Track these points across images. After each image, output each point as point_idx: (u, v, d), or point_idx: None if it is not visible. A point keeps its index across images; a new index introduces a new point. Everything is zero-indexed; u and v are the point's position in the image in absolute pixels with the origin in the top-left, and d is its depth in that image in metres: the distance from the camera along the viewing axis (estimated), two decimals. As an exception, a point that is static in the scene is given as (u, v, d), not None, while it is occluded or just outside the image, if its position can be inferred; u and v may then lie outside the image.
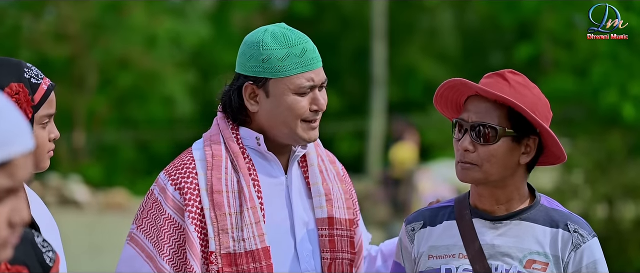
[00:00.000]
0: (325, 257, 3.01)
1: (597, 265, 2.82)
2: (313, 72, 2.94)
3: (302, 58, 2.93)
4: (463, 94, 2.85)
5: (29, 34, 22.31)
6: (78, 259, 10.56)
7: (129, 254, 2.93)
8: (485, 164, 2.78)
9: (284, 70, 2.92)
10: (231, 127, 2.99)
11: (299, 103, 2.93)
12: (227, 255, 2.87)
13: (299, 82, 2.92)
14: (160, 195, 2.93)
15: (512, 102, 2.75)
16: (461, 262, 2.84)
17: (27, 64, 2.76)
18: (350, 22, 25.99)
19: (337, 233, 3.04)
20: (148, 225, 2.92)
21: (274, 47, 2.93)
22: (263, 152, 2.98)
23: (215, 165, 2.93)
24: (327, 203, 3.03)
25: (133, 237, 2.94)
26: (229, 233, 2.88)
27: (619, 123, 11.33)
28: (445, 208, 2.96)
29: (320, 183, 3.05)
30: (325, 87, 3.02)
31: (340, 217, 3.06)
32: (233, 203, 2.90)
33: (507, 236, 2.83)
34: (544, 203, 2.88)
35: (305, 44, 2.95)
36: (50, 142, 2.80)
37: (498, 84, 2.78)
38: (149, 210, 2.94)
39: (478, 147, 2.78)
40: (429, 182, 14.55)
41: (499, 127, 2.77)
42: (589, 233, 2.83)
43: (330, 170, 3.12)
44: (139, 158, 24.75)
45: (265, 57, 2.92)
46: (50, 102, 2.76)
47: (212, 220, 2.88)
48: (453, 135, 2.86)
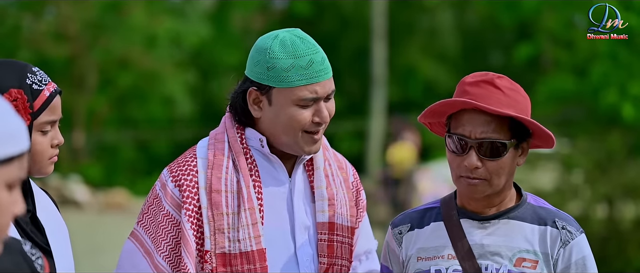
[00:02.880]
0: (322, 262, 2.98)
1: (586, 261, 2.82)
2: (318, 84, 2.89)
3: (308, 70, 2.88)
4: (456, 107, 2.81)
5: (29, 34, 22.29)
6: (78, 259, 10.53)
7: (129, 249, 2.94)
8: (494, 178, 2.78)
9: (288, 80, 2.88)
10: (237, 126, 2.97)
11: (300, 115, 2.89)
12: (221, 255, 2.86)
13: (302, 94, 2.88)
14: (161, 191, 2.93)
15: (525, 118, 2.75)
16: (450, 263, 2.84)
17: (33, 69, 2.74)
18: (350, 22, 25.97)
19: (337, 239, 3.01)
20: (148, 220, 2.93)
21: (280, 56, 2.88)
22: (267, 154, 2.96)
23: (216, 164, 2.92)
24: (330, 208, 3.00)
25: (134, 232, 2.95)
26: (224, 233, 2.87)
27: (618, 123, 11.32)
28: (431, 210, 2.95)
29: (324, 188, 3.02)
30: (331, 98, 2.96)
31: (342, 223, 3.03)
32: (231, 203, 2.89)
33: (495, 235, 2.83)
34: (530, 202, 2.89)
35: (313, 55, 2.89)
36: (53, 148, 2.77)
37: (493, 94, 2.76)
38: (150, 205, 2.94)
39: (486, 162, 2.76)
40: (429, 182, 14.55)
41: (507, 141, 2.77)
42: (577, 230, 2.84)
43: (337, 175, 3.08)
44: (139, 158, 24.74)
45: (271, 66, 2.88)
46: (53, 108, 2.74)
47: (209, 219, 2.87)
48: (448, 148, 2.82)
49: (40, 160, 2.74)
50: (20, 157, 1.86)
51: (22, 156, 1.87)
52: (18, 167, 1.86)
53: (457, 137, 2.79)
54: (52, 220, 2.80)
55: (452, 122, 2.82)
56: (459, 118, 2.80)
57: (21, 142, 1.86)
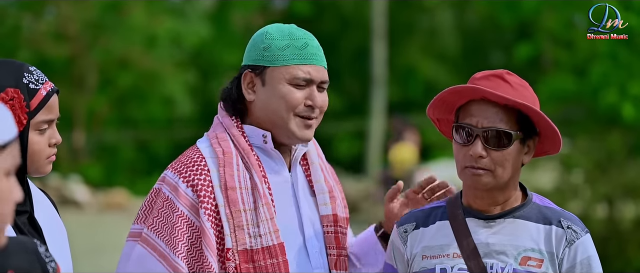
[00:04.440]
0: (332, 254, 3.02)
1: (591, 260, 2.83)
2: (312, 67, 2.93)
3: (303, 51, 2.92)
4: (464, 97, 2.84)
5: (29, 34, 22.29)
6: (78, 259, 10.55)
7: (139, 253, 2.87)
8: (498, 169, 2.79)
9: (282, 59, 2.92)
10: (236, 124, 2.97)
11: (292, 94, 2.92)
12: (244, 251, 2.86)
13: (295, 72, 2.91)
14: (172, 193, 2.88)
15: (531, 107, 2.76)
16: (456, 262, 2.84)
17: (30, 68, 2.74)
18: (350, 22, 25.97)
19: (340, 230, 3.05)
20: (160, 224, 2.87)
21: (276, 37, 2.94)
22: (269, 150, 2.97)
23: (227, 162, 2.91)
24: (331, 200, 3.05)
25: (143, 237, 2.88)
26: (244, 229, 2.86)
27: (618, 123, 11.32)
28: (437, 209, 2.96)
29: (322, 181, 3.06)
30: (326, 89, 3.00)
31: (341, 215, 3.08)
32: (247, 199, 2.89)
33: (501, 234, 2.84)
34: (536, 201, 2.89)
35: (309, 40, 2.96)
36: (51, 147, 2.77)
37: (501, 86, 2.79)
38: (160, 209, 2.89)
39: (491, 152, 2.78)
40: (429, 182, 14.52)
41: (513, 131, 2.78)
42: (582, 230, 2.84)
43: (329, 169, 3.14)
44: (139, 158, 24.75)
45: (266, 46, 2.93)
46: (50, 107, 2.73)
47: (227, 216, 2.86)
48: (455, 140, 2.85)
49: (38, 160, 2.74)
50: (11, 144, 1.97)
51: (12, 143, 1.97)
52: (11, 155, 1.95)
53: (463, 127, 2.81)
54: (50, 221, 2.79)
55: (460, 114, 2.85)
56: (467, 108, 2.82)
57: (11, 129, 1.97)
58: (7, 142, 1.95)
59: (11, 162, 1.95)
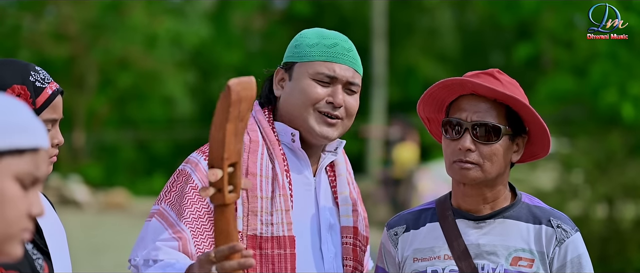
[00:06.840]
0: (348, 265, 3.00)
1: (581, 259, 2.83)
2: (338, 65, 2.96)
3: (331, 49, 2.96)
4: (454, 92, 2.85)
5: (29, 34, 22.31)
6: (78, 259, 10.56)
7: (154, 227, 2.84)
8: (486, 163, 2.80)
9: (310, 55, 2.96)
10: (268, 119, 3.00)
11: (313, 88, 2.94)
12: (253, 237, 2.86)
13: (319, 68, 2.95)
14: (192, 169, 2.87)
15: (521, 101, 2.77)
16: (447, 263, 2.85)
17: (35, 67, 2.74)
18: (350, 22, 25.97)
19: (359, 244, 3.04)
20: (174, 196, 2.86)
21: (308, 36, 3.00)
22: (296, 150, 2.98)
23: (252, 149, 2.93)
24: (353, 213, 3.04)
25: (159, 211, 2.86)
26: (257, 215, 2.87)
27: (618, 123, 11.34)
28: (426, 211, 2.97)
29: (347, 194, 3.06)
30: (354, 92, 3.01)
31: (362, 231, 3.06)
32: (266, 187, 2.89)
33: (491, 235, 2.84)
34: (525, 201, 2.90)
35: (340, 41, 3.00)
36: (53, 147, 2.77)
37: (492, 83, 2.80)
38: (178, 183, 2.88)
39: (479, 146, 2.79)
40: (429, 182, 14.56)
41: (502, 126, 2.79)
42: (572, 228, 2.85)
43: (356, 187, 3.14)
44: (139, 158, 24.76)
45: (298, 44, 2.99)
46: (54, 107, 2.73)
47: (243, 200, 2.87)
48: (444, 136, 2.85)
49: None
50: (33, 152, 1.84)
51: (35, 152, 1.85)
52: (30, 163, 1.84)
53: (453, 121, 2.82)
54: (50, 222, 2.79)
55: (450, 110, 2.87)
56: (457, 104, 2.84)
57: (33, 138, 1.85)
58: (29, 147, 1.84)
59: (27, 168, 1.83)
